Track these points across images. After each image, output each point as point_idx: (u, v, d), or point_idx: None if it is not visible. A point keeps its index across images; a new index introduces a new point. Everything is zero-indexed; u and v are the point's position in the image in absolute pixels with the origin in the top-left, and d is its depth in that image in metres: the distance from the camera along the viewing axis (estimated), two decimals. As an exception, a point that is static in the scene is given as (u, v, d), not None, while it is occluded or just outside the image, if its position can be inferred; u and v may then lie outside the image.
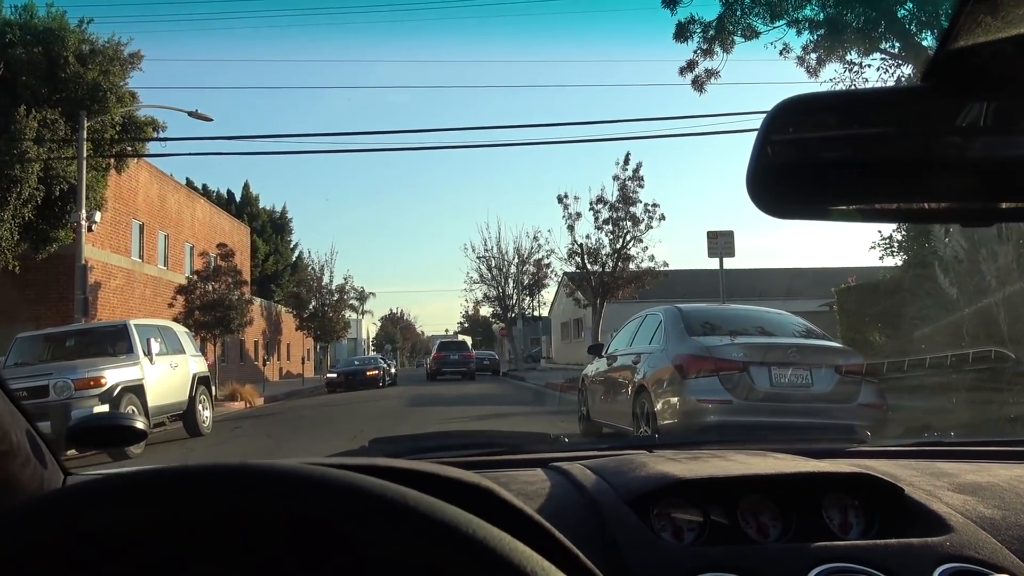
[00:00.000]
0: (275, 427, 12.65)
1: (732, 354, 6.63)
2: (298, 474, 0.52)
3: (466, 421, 11.86)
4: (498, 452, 1.49)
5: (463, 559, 0.49)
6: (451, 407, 15.15)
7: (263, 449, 9.61)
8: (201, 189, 35.71)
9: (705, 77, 12.51)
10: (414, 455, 1.41)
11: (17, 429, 0.82)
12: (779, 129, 0.63)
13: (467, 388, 23.50)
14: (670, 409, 6.81)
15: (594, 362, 9.44)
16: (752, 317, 7.97)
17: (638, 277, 24.58)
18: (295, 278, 39.19)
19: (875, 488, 1.09)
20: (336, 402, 19.06)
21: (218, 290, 21.09)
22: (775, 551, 0.99)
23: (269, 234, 42.61)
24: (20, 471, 0.81)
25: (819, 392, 6.54)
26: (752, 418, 6.30)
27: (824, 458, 1.31)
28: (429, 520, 0.50)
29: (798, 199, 0.66)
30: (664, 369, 7.06)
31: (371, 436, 3.26)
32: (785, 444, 1.50)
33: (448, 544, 0.50)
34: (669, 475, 1.07)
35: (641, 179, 24.04)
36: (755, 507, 1.06)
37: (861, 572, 0.93)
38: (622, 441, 4.80)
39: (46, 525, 0.49)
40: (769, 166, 0.64)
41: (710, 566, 0.93)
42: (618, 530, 0.97)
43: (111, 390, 9.28)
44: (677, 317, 7.50)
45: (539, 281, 38.19)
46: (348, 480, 0.52)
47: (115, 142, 16.64)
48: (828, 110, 0.66)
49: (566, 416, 11.33)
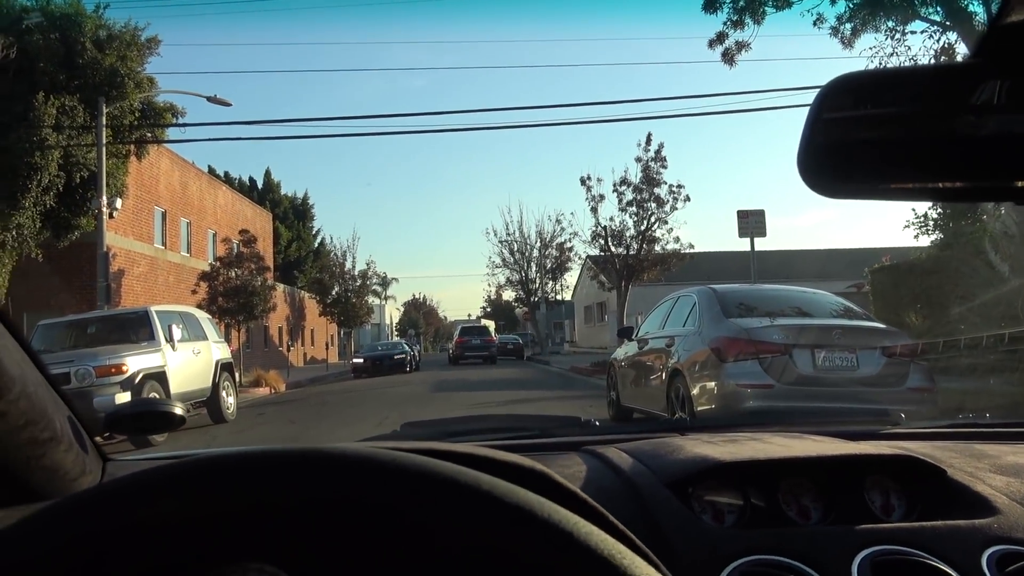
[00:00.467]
0: (299, 413, 12.52)
1: (772, 336, 6.38)
2: (372, 458, 0.51)
3: (492, 406, 11.65)
4: (530, 436, 1.48)
5: (541, 543, 0.49)
6: (476, 392, 14.98)
7: (287, 436, 9.47)
8: (223, 176, 35.79)
9: (736, 49, 12.07)
10: (446, 439, 1.40)
11: (60, 416, 0.83)
12: (831, 107, 0.63)
13: (491, 373, 23.36)
14: (707, 394, 6.57)
15: (624, 346, 9.23)
16: (790, 297, 7.68)
17: (663, 259, 24.14)
18: (318, 264, 39.17)
19: (917, 470, 1.08)
20: (360, 388, 18.96)
21: (241, 276, 21.03)
22: (820, 533, 0.98)
23: (291, 220, 42.68)
24: (64, 456, 0.84)
25: (865, 375, 6.27)
26: (795, 403, 6.05)
27: (860, 440, 1.29)
28: (504, 504, 0.50)
29: (851, 178, 0.66)
30: (700, 352, 6.81)
31: (397, 422, 3.14)
32: (817, 426, 1.49)
33: (526, 529, 0.49)
34: (709, 458, 1.06)
35: (664, 160, 23.61)
36: (796, 489, 1.05)
37: (908, 554, 0.91)
38: (654, 424, 4.59)
39: (129, 507, 0.49)
40: (821, 145, 0.63)
41: (754, 548, 0.91)
42: (659, 513, 0.96)
43: (132, 377, 9.17)
44: (712, 298, 7.23)
45: (562, 264, 37.92)
46: (422, 464, 0.51)
47: (134, 128, 16.55)
48: (880, 88, 0.66)
49: (594, 401, 11.09)
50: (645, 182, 23.66)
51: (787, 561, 0.90)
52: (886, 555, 0.91)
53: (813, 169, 0.63)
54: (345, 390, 18.44)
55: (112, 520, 0.48)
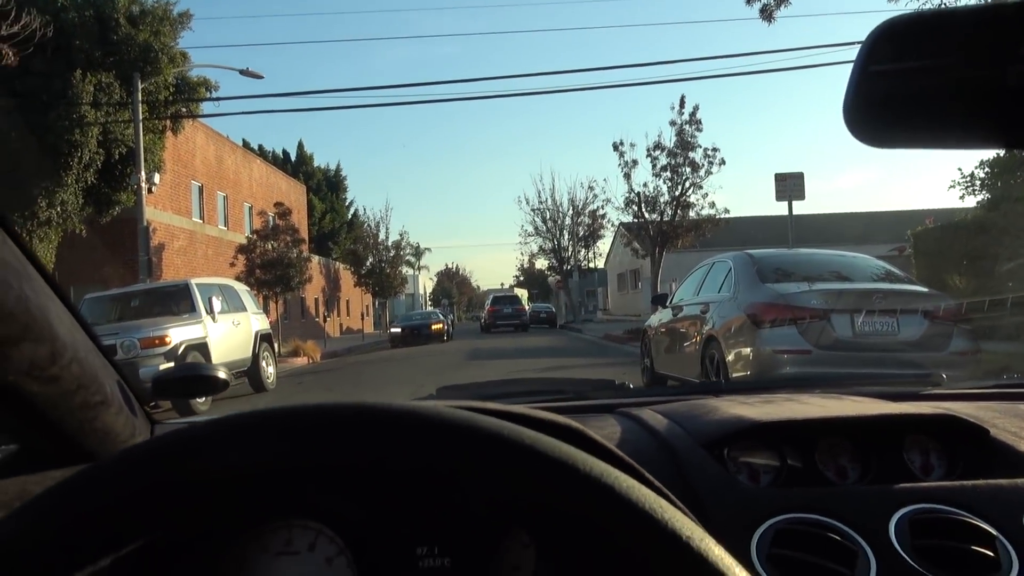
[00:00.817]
0: (336, 381, 12.73)
1: (810, 301, 6.28)
2: (416, 413, 0.52)
3: (526, 374, 11.71)
4: (564, 398, 1.48)
5: (583, 497, 0.50)
6: (510, 359, 15.07)
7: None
8: (257, 149, 36.09)
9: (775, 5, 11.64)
10: (480, 402, 1.33)
11: (110, 381, 0.86)
12: (878, 54, 0.61)
13: (525, 341, 23.44)
14: (743, 360, 6.52)
15: (657, 312, 9.17)
16: (828, 262, 7.53)
17: (698, 225, 23.64)
18: (351, 235, 39.52)
19: (958, 429, 1.06)
20: (395, 357, 19.19)
21: (277, 248, 21.30)
22: (857, 492, 0.97)
23: (325, 192, 42.98)
24: (115, 419, 0.86)
25: (907, 339, 6.15)
26: (834, 369, 5.97)
27: (900, 400, 1.27)
28: (547, 458, 0.50)
29: (900, 127, 0.64)
30: (736, 318, 6.74)
31: (431, 390, 3.15)
32: (855, 386, 1.47)
33: (569, 483, 0.50)
34: (745, 418, 1.05)
35: (699, 123, 22.97)
36: (833, 449, 1.04)
37: (948, 513, 0.90)
38: (688, 387, 4.57)
39: (194, 457, 0.50)
40: (868, 94, 0.62)
41: (791, 507, 0.90)
42: (695, 473, 0.96)
43: (175, 348, 9.40)
44: (748, 263, 7.14)
45: (594, 232, 37.65)
46: (466, 419, 0.52)
47: (169, 103, 16.73)
48: (930, 32, 0.63)
49: (627, 368, 11.08)
50: (679, 146, 23.14)
51: (824, 519, 0.89)
52: (925, 514, 0.90)
53: (860, 120, 0.62)
54: (381, 359, 18.69)
55: (170, 471, 0.49)
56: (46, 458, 0.81)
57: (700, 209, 23.55)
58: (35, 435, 0.79)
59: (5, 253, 0.61)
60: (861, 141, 0.63)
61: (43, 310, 0.67)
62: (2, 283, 0.59)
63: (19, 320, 0.63)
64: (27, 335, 0.65)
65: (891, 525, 0.89)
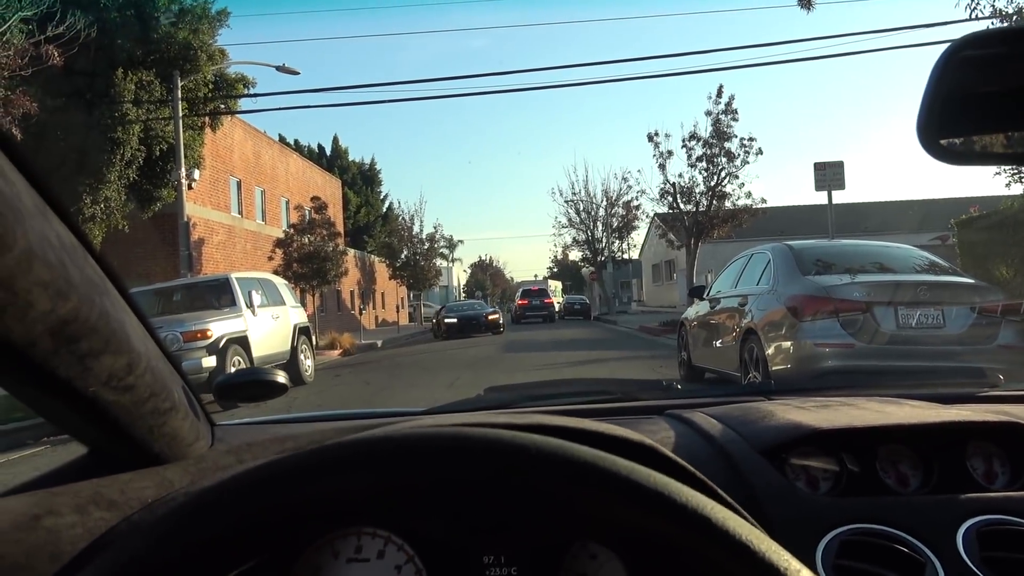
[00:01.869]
0: (373, 374, 12.86)
1: (852, 293, 6.17)
2: (513, 442, 0.53)
3: (562, 366, 11.72)
4: (612, 399, 1.46)
5: (680, 529, 0.50)
6: (545, 352, 15.07)
7: (364, 396, 9.76)
8: (293, 144, 36.48)
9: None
10: (528, 403, 1.45)
11: (176, 386, 0.88)
12: (954, 72, 0.59)
13: (559, 333, 23.41)
14: (783, 354, 6.43)
15: (695, 305, 9.09)
16: (870, 253, 7.38)
17: (734, 215, 23.32)
18: (386, 228, 39.72)
19: (1022, 437, 1.02)
20: (431, 349, 19.31)
21: (314, 242, 21.52)
22: (921, 503, 0.94)
23: (359, 186, 43.31)
24: (181, 424, 0.89)
25: (952, 334, 6.01)
26: (877, 363, 5.86)
27: (956, 403, 1.26)
28: (644, 489, 0.51)
29: (978, 146, 0.62)
30: (776, 311, 6.65)
31: (470, 383, 3.16)
32: (909, 389, 1.44)
33: (666, 514, 0.51)
34: (804, 425, 1.03)
35: (735, 112, 22.71)
36: (893, 455, 1.02)
37: (1017, 524, 0.88)
38: (737, 388, 4.52)
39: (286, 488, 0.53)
40: (943, 112, 0.59)
41: (855, 518, 0.89)
42: (755, 481, 0.94)
43: (217, 342, 9.56)
44: (787, 255, 7.03)
45: (628, 223, 37.40)
46: (560, 448, 0.53)
47: (208, 100, 16.98)
48: (1011, 48, 0.59)
49: (664, 361, 11.03)
50: (715, 136, 22.88)
51: (889, 530, 0.88)
52: (993, 525, 0.88)
53: (935, 139, 0.60)
54: (417, 351, 18.82)
55: (282, 497, 0.52)
56: (116, 462, 0.83)
57: (736, 199, 23.26)
58: (108, 440, 0.81)
59: (88, 271, 0.63)
60: (937, 159, 0.61)
61: (120, 323, 0.70)
62: (87, 300, 0.61)
63: (101, 334, 0.65)
64: (108, 348, 0.67)
65: (959, 536, 0.87)
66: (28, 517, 0.67)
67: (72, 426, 0.79)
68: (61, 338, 0.60)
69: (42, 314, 0.56)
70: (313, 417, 1.46)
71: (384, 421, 1.23)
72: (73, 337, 0.61)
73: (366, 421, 1.28)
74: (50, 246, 0.55)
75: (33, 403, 0.71)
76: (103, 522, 0.74)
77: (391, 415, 1.38)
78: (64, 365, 0.62)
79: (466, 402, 1.55)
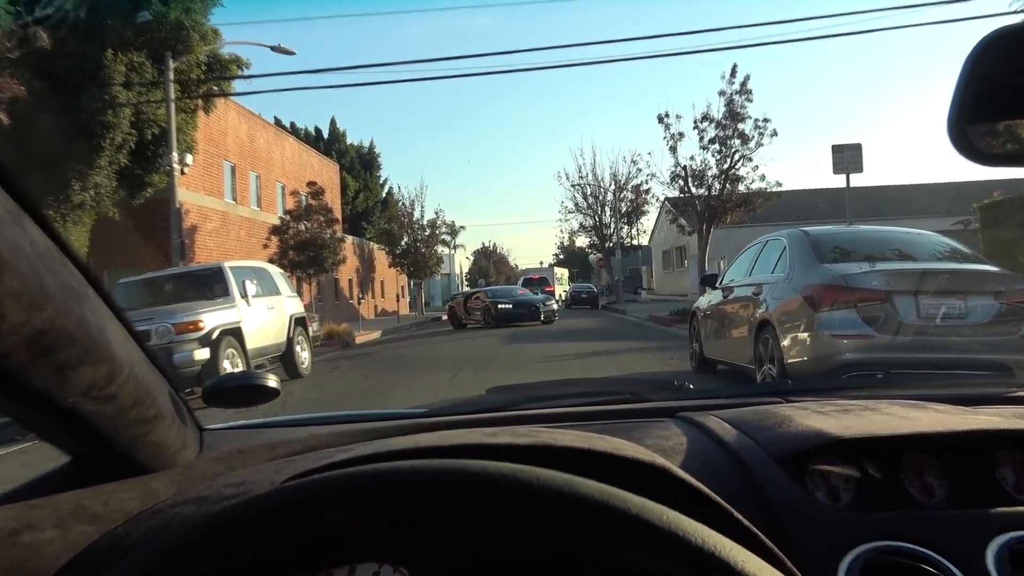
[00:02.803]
0: (372, 367, 12.57)
1: (871, 282, 5.94)
2: (517, 478, 0.52)
3: (567, 358, 11.43)
4: (621, 400, 1.42)
5: (695, 573, 0.49)
6: (549, 343, 14.81)
7: (360, 391, 9.49)
8: (289, 127, 36.06)
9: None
10: (532, 404, 1.41)
11: (162, 393, 0.86)
12: (986, 67, 0.56)
13: (565, 323, 23.15)
14: (799, 346, 6.18)
15: (707, 294, 8.85)
16: (890, 239, 7.13)
17: (748, 199, 22.71)
18: (386, 214, 39.27)
19: None
20: (431, 341, 19.03)
21: (310, 229, 21.22)
22: (949, 517, 0.89)
23: (358, 171, 42.89)
24: (167, 431, 0.88)
25: (976, 323, 5.79)
26: (897, 355, 5.62)
27: (984, 405, 1.23)
28: (656, 530, 0.51)
29: (1012, 145, 0.61)
30: (791, 301, 6.39)
31: (471, 377, 2.93)
32: (934, 390, 1.40)
33: (681, 558, 0.50)
34: (823, 432, 0.98)
35: (749, 93, 22.12)
36: (918, 463, 0.97)
37: None
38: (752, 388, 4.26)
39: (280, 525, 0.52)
40: (975, 109, 0.58)
41: (879, 534, 0.84)
42: (772, 493, 0.90)
43: (210, 333, 9.27)
44: (804, 242, 6.77)
45: (638, 208, 36.79)
46: (567, 483, 0.52)
47: (201, 82, 16.60)
48: None
49: (675, 352, 10.74)
50: (728, 117, 22.28)
51: (914, 548, 0.83)
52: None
53: (965, 137, 0.56)
54: (417, 343, 18.55)
55: (293, 527, 0.51)
56: (99, 471, 0.82)
57: (750, 183, 22.75)
58: (90, 450, 0.80)
59: (65, 277, 0.61)
60: (968, 159, 0.59)
61: (101, 330, 0.67)
62: (63, 308, 0.59)
63: (80, 343, 0.63)
64: (87, 358, 0.65)
65: (988, 554, 0.83)
66: (5, 532, 0.66)
67: (53, 436, 0.77)
68: (36, 349, 0.58)
69: (15, 325, 0.54)
70: (307, 420, 1.40)
71: (381, 425, 1.21)
72: (49, 348, 0.59)
73: (362, 425, 1.24)
74: (23, 254, 0.54)
75: (10, 413, 0.69)
76: (85, 536, 0.73)
77: (389, 417, 1.34)
78: (41, 377, 0.61)
79: (468, 403, 1.49)
